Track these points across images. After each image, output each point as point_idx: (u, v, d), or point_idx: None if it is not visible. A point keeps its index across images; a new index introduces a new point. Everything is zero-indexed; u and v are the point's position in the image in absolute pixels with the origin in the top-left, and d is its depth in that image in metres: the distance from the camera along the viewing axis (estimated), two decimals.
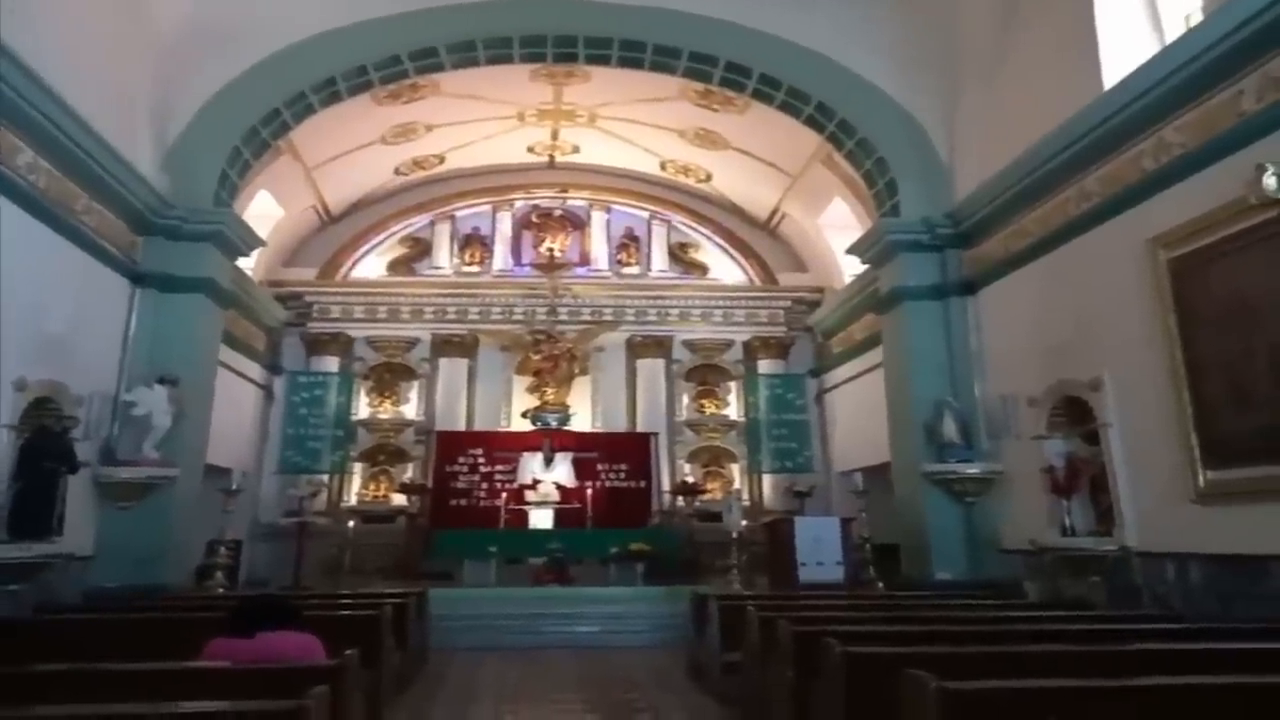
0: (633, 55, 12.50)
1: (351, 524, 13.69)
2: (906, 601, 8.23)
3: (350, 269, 17.37)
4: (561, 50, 12.52)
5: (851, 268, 15.37)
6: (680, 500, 15.91)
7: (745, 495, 15.95)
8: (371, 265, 17.54)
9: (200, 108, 11.32)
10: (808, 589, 10.21)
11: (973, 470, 10.85)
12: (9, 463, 8.09)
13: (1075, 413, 9.41)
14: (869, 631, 5.51)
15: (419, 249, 17.70)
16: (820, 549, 10.90)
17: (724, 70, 12.51)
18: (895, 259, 12.01)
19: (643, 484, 15.77)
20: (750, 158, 15.65)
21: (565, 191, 17.99)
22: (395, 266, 17.57)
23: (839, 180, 14.41)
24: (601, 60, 12.74)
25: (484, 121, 15.37)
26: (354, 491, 16.35)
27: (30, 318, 8.39)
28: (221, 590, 10.14)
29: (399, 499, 16.03)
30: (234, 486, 10.72)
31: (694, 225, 18.10)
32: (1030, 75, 10.22)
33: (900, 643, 5.14)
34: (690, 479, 16.39)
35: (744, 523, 12.22)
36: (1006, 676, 4.03)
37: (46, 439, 8.39)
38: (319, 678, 3.84)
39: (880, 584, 10.85)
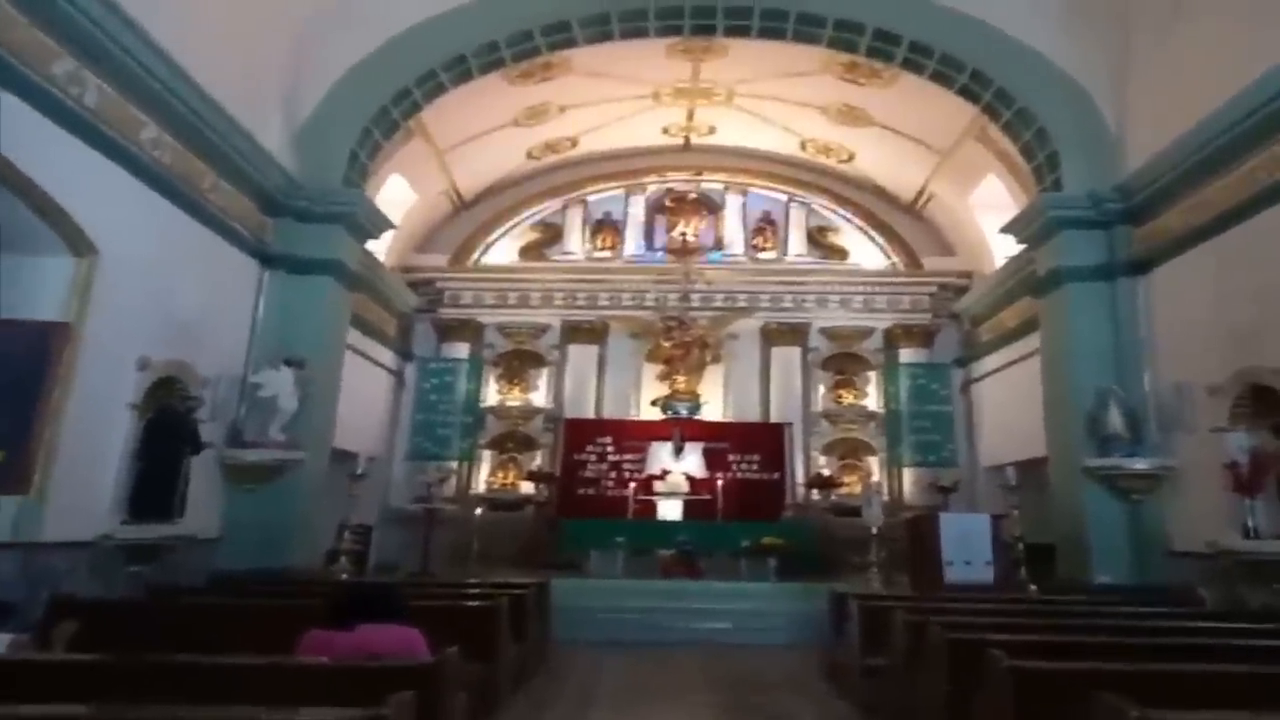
0: (774, 25, 11.83)
1: (479, 511, 13.53)
2: (1069, 607, 7.42)
3: (482, 255, 17.28)
4: (699, 22, 11.94)
5: (1004, 250, 14.40)
6: (815, 494, 15.26)
7: (884, 490, 15.03)
8: (503, 251, 17.41)
9: (330, 86, 11.24)
10: (954, 590, 9.44)
11: (1140, 465, 9.88)
12: (133, 442, 8.08)
13: (1263, 403, 8.41)
14: (1035, 642, 4.83)
15: (550, 234, 17.47)
16: (968, 547, 10.03)
17: (871, 38, 11.73)
18: (1056, 237, 11.04)
19: (775, 476, 15.10)
20: (896, 135, 14.82)
21: (700, 174, 17.46)
22: (526, 252, 17.39)
23: (993, 156, 13.47)
24: (741, 31, 12.11)
25: (618, 102, 14.99)
26: (482, 479, 16.25)
27: (157, 297, 8.39)
28: (345, 575, 10.05)
29: (527, 487, 15.83)
30: (359, 470, 10.59)
31: (834, 208, 17.32)
32: (1211, 30, 9.15)
33: (1072, 656, 4.53)
34: (826, 472, 15.68)
35: (883, 518, 11.46)
36: (1203, 702, 3.40)
37: (171, 419, 8.38)
38: (412, 679, 3.51)
39: (1033, 587, 9.94)
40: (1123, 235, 10.61)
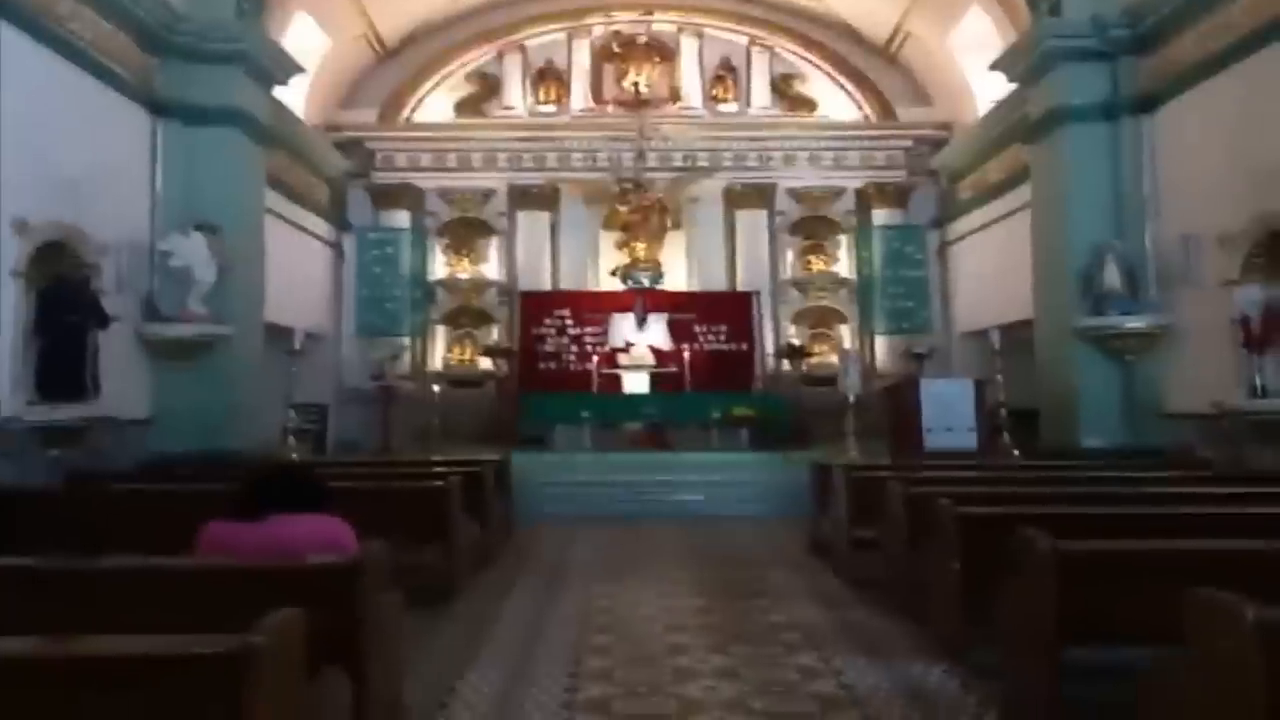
0: None
1: (436, 389, 12.78)
2: (1071, 473, 6.84)
3: (413, 111, 15.78)
4: None
5: (987, 97, 13.42)
6: (785, 364, 14.60)
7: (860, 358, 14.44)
8: (437, 107, 15.88)
9: None
10: (934, 456, 8.97)
11: (1136, 324, 9.28)
12: (25, 316, 7.10)
13: None
14: (1059, 516, 4.19)
15: (488, 86, 15.88)
16: (950, 414, 9.63)
17: None
18: (1054, 72, 10.03)
19: (744, 347, 14.39)
20: None
21: (650, 14, 15.77)
22: (463, 107, 15.85)
23: None
24: None
25: None
26: (439, 355, 15.42)
27: (23, 148, 7.10)
28: (295, 456, 9.28)
29: (486, 363, 15.10)
30: (296, 346, 9.68)
31: (801, 52, 15.92)
32: None
33: (1122, 533, 3.89)
34: (796, 341, 14.97)
35: (860, 386, 10.86)
36: None
37: (66, 289, 7.38)
38: (322, 582, 2.76)
39: (1016, 452, 9.54)
40: (1128, 68, 9.65)
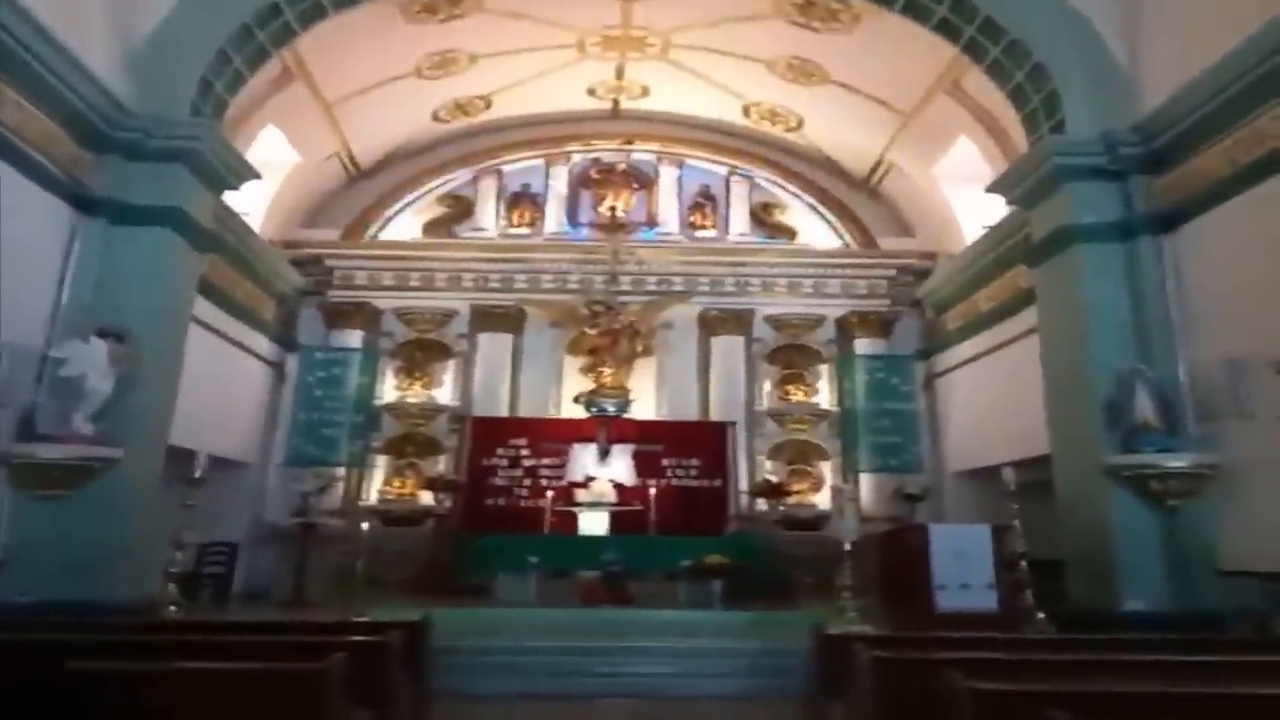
0: None
1: (366, 526, 11.25)
2: (1159, 656, 5.36)
3: (379, 230, 14.95)
4: None
5: (974, 226, 12.80)
6: (762, 504, 13.24)
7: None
8: (404, 227, 15.07)
9: None
10: (948, 620, 7.66)
11: (1178, 462, 8.08)
12: None
13: None
14: None
15: (460, 208, 15.19)
16: (966, 567, 8.29)
17: None
18: (1059, 191, 9.24)
19: (717, 483, 13.02)
20: (853, 94, 12.92)
21: (630, 143, 15.43)
22: (432, 228, 15.07)
23: (966, 114, 11.79)
24: None
25: (537, 52, 12.84)
26: (375, 488, 13.90)
27: None
28: (174, 608, 7.62)
29: (427, 497, 13.61)
30: (195, 474, 8.10)
31: (780, 182, 15.39)
32: None
33: None
34: (773, 478, 13.64)
35: (857, 532, 9.50)
36: None
37: None
38: None
39: (1040, 614, 8.14)
40: (1142, 185, 8.87)
